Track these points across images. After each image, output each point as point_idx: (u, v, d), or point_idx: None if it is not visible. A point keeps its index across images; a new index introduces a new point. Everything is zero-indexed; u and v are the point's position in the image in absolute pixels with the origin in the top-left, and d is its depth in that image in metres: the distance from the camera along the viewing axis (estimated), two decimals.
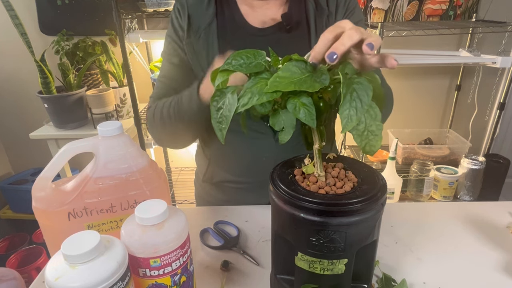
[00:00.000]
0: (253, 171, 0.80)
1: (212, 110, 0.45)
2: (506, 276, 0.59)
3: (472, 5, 1.81)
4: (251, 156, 0.79)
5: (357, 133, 0.40)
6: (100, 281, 0.37)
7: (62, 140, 1.65)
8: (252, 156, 0.79)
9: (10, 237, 1.90)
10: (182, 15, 0.74)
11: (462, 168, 1.66)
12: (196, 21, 0.74)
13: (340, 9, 0.74)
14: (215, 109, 0.45)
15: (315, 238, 0.43)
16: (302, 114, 0.41)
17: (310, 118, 0.41)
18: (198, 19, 0.74)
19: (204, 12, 0.74)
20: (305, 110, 0.41)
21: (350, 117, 0.38)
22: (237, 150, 0.80)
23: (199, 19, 0.74)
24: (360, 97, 0.39)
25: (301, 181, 0.48)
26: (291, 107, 0.41)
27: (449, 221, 0.74)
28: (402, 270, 0.60)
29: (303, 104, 0.41)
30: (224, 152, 0.82)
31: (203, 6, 0.74)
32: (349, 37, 0.41)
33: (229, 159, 0.82)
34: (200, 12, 0.74)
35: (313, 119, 0.41)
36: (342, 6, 0.74)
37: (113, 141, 0.54)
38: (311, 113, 0.41)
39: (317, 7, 0.73)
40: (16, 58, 1.90)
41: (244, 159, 0.80)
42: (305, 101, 0.41)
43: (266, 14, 0.74)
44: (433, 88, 2.00)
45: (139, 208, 0.45)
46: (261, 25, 0.74)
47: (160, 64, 1.56)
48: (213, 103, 0.45)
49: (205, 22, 0.73)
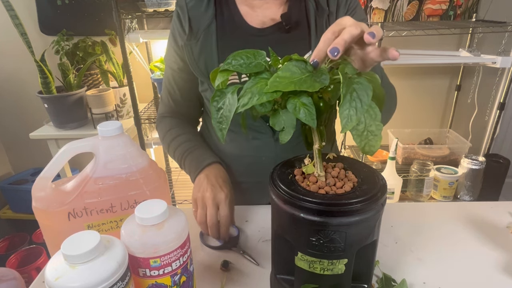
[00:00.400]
0: (253, 171, 0.80)
1: (212, 111, 0.45)
2: (506, 276, 0.59)
3: (472, 5, 1.81)
4: (251, 156, 0.79)
5: (356, 133, 0.40)
6: (100, 281, 0.37)
7: (62, 140, 1.65)
8: (252, 156, 0.79)
9: (10, 237, 1.90)
10: (182, 18, 0.74)
11: (462, 168, 1.66)
12: (196, 23, 0.74)
13: (341, 9, 0.74)
14: (215, 109, 0.45)
15: (315, 238, 0.43)
16: (302, 114, 0.41)
17: (310, 118, 0.41)
18: (198, 21, 0.74)
19: (204, 13, 0.73)
20: (305, 110, 0.41)
21: (350, 117, 0.38)
22: (237, 150, 0.80)
23: (198, 21, 0.74)
24: (360, 97, 0.39)
25: (301, 181, 0.48)
26: (291, 107, 0.41)
27: (449, 221, 0.74)
28: (402, 270, 0.60)
29: (303, 104, 0.41)
30: (224, 152, 0.82)
31: (202, 7, 0.74)
32: (349, 32, 0.41)
33: (229, 159, 0.82)
34: (199, 14, 0.74)
35: (313, 119, 0.41)
36: (343, 5, 0.74)
37: (113, 141, 0.54)
38: (311, 113, 0.41)
39: (317, 7, 0.73)
40: (16, 58, 1.90)
41: (244, 159, 0.80)
42: (305, 101, 0.41)
43: (265, 14, 0.74)
44: (433, 88, 2.00)
45: (139, 208, 0.45)
46: (260, 25, 0.74)
47: (160, 64, 1.56)
48: (213, 103, 0.45)
49: (204, 23, 0.73)
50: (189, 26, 0.73)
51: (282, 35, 0.73)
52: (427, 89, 2.00)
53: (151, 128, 1.83)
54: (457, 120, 2.04)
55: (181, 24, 0.75)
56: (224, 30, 0.73)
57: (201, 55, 0.73)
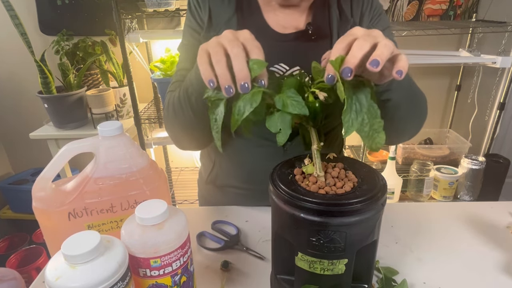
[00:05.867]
0: (258, 179, 0.78)
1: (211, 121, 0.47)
2: (506, 276, 0.59)
3: (472, 5, 1.81)
4: (256, 164, 0.77)
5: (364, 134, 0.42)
6: (100, 281, 0.37)
7: (62, 140, 1.65)
8: (257, 164, 0.77)
9: (10, 237, 1.90)
10: (202, 7, 0.71)
11: (462, 168, 1.66)
12: (217, 15, 0.71)
13: (365, 18, 0.72)
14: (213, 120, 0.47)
15: (315, 238, 0.43)
16: (291, 106, 0.42)
17: (300, 106, 0.42)
18: (218, 13, 0.71)
19: (225, 7, 0.71)
20: (292, 101, 0.43)
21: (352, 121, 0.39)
22: (242, 156, 0.78)
23: (219, 13, 0.71)
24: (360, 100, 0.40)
25: (301, 181, 0.48)
26: (280, 105, 0.43)
27: (449, 221, 0.74)
28: (402, 270, 0.60)
29: (288, 97, 0.43)
30: (230, 157, 0.80)
31: (224, 1, 0.71)
32: (359, 48, 0.39)
33: (234, 164, 0.80)
34: (220, 6, 0.71)
35: (304, 106, 0.42)
36: (368, 14, 0.72)
37: (113, 141, 0.54)
38: (299, 101, 0.43)
39: (341, 16, 0.71)
40: (16, 58, 1.90)
41: (249, 166, 0.78)
42: (290, 94, 0.43)
43: (287, 18, 0.72)
44: (433, 88, 2.00)
45: (139, 208, 0.45)
46: (281, 29, 0.72)
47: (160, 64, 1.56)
48: (211, 115, 0.47)
49: (225, 17, 0.70)
50: (208, 17, 0.71)
51: (305, 44, 0.71)
52: (427, 89, 1.97)
53: (151, 128, 1.83)
54: (457, 120, 2.04)
55: (199, 13, 0.71)
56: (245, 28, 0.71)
57: None
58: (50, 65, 1.56)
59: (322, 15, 0.72)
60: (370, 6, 0.72)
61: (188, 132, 0.71)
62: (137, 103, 1.56)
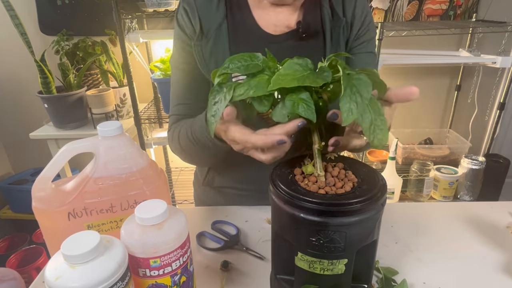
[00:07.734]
0: (255, 179, 0.78)
1: (209, 104, 0.47)
2: (506, 276, 0.59)
3: (472, 5, 1.81)
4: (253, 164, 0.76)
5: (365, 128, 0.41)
6: (100, 281, 0.37)
7: (62, 140, 1.65)
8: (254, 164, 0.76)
9: (10, 237, 1.90)
10: (191, 16, 0.71)
11: (462, 168, 1.66)
12: (206, 22, 0.71)
13: (356, 22, 0.72)
14: (211, 103, 0.46)
15: (315, 238, 0.43)
16: (301, 109, 0.42)
17: (310, 112, 0.42)
18: (208, 20, 0.71)
19: (214, 13, 0.70)
20: (304, 105, 0.42)
21: (351, 111, 0.39)
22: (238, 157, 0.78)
23: (209, 20, 0.71)
24: (360, 92, 0.39)
25: (301, 181, 0.48)
26: (290, 104, 0.42)
27: (449, 221, 0.74)
28: (402, 270, 0.60)
29: (301, 100, 0.42)
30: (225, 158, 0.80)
31: (213, 7, 0.71)
32: None
33: (230, 166, 0.80)
34: (209, 13, 0.71)
35: (313, 113, 0.42)
36: (359, 18, 0.72)
37: (113, 141, 0.54)
38: (310, 107, 0.42)
39: (333, 15, 0.71)
40: (16, 58, 1.90)
41: (246, 167, 0.78)
42: (303, 97, 0.42)
43: (278, 18, 0.72)
44: (433, 88, 2.00)
45: (139, 208, 0.45)
46: (273, 30, 0.71)
47: (160, 64, 1.56)
48: (211, 97, 0.47)
49: (215, 23, 0.70)
50: (199, 25, 0.70)
51: (296, 43, 0.71)
52: (427, 89, 2.00)
53: (151, 128, 1.84)
54: (457, 120, 2.04)
55: (190, 21, 0.71)
56: (236, 33, 0.71)
57: (211, 56, 0.71)
58: (50, 65, 1.56)
59: (314, 14, 0.71)
60: (361, 11, 0.72)
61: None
62: (137, 103, 1.56)
